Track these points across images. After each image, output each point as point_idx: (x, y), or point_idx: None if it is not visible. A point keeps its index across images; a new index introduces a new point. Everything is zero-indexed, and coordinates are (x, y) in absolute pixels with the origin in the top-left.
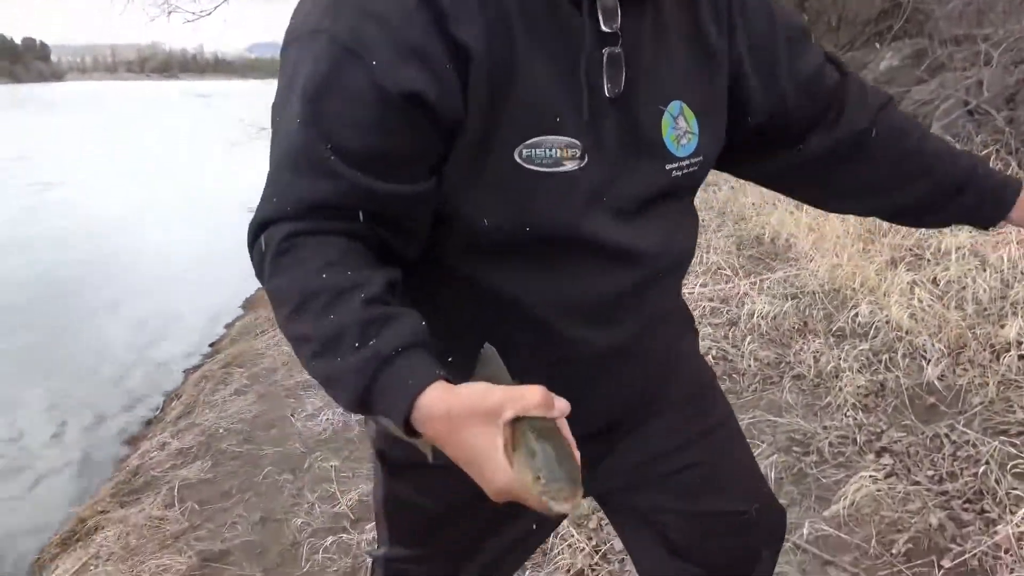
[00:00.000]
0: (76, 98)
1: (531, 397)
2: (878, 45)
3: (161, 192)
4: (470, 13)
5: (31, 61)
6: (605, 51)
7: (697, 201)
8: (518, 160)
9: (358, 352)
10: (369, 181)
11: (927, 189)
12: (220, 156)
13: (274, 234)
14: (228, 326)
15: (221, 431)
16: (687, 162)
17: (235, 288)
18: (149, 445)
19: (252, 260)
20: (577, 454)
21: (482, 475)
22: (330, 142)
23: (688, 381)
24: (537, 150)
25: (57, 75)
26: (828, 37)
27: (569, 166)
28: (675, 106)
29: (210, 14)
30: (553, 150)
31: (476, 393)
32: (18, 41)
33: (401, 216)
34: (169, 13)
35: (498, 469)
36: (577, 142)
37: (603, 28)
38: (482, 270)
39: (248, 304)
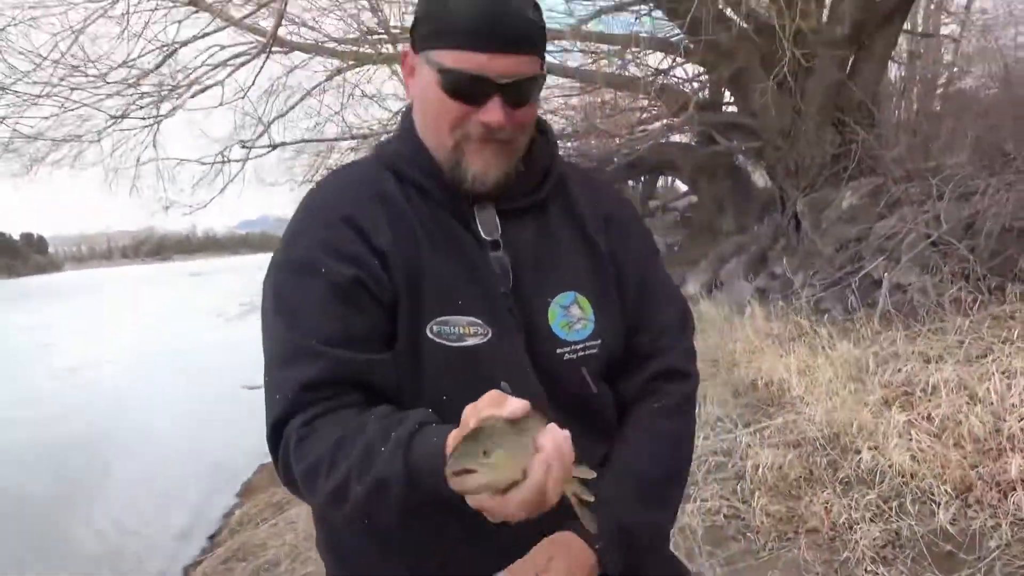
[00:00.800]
0: (75, 287)
1: (482, 402)
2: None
3: (158, 374)
4: (382, 227)
5: (29, 255)
6: (492, 255)
7: None
8: (430, 335)
9: (385, 451)
10: (348, 354)
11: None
12: (216, 333)
13: (290, 431)
14: (227, 515)
15: None
16: (581, 346)
17: (231, 473)
18: None
19: (277, 467)
20: (522, 442)
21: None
22: (307, 333)
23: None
24: (445, 327)
25: (55, 265)
26: (790, 181)
27: (471, 342)
28: (566, 297)
29: (205, 206)
30: (457, 328)
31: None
32: (16, 237)
33: (382, 379)
34: (167, 208)
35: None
36: (479, 321)
37: (484, 237)
38: None
39: (245, 491)
